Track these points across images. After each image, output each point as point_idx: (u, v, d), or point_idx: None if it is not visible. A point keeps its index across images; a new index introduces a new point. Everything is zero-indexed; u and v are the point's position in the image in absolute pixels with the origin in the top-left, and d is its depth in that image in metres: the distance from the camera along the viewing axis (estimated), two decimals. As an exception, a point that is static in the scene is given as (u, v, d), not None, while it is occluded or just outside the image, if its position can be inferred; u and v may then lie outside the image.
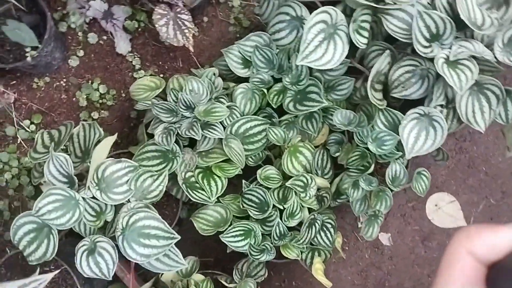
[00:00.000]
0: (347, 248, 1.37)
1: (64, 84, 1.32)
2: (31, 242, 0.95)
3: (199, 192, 1.06)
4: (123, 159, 0.96)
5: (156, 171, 1.04)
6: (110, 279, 0.96)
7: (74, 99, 1.33)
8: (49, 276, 0.90)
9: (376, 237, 1.38)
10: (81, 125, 1.03)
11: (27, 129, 1.31)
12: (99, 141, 1.00)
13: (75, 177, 0.92)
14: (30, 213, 0.95)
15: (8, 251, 1.30)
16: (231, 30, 1.40)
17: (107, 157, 0.97)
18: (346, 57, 1.03)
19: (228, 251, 1.18)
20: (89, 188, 0.91)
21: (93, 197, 0.94)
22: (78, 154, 1.02)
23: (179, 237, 0.91)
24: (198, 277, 1.14)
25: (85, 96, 1.32)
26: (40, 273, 0.93)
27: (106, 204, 0.96)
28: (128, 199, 0.96)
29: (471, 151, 1.44)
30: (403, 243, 1.38)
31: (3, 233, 1.33)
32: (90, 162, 0.99)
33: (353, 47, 1.05)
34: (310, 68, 1.10)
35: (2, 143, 1.31)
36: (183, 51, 1.37)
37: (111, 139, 0.98)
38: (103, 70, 1.34)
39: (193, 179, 1.08)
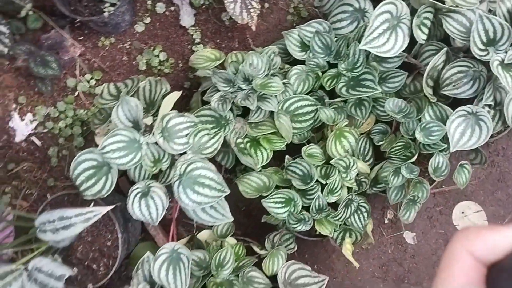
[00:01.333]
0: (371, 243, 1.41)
1: (127, 47, 1.41)
2: (89, 178, 1.01)
3: (247, 157, 1.11)
4: (186, 113, 1.03)
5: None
6: (156, 223, 1.02)
7: (134, 62, 1.41)
8: (105, 209, 0.96)
9: (403, 232, 1.42)
10: (147, 80, 1.11)
11: (87, 83, 1.39)
12: (163, 96, 1.08)
13: (142, 122, 0.99)
14: (92, 150, 1.01)
15: (48, 197, 1.37)
16: (288, 19, 1.47)
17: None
18: (403, 52, 1.09)
19: (262, 220, 1.23)
20: (153, 134, 0.98)
21: (155, 144, 1.00)
22: (143, 105, 1.09)
23: (229, 191, 0.97)
24: (231, 240, 1.19)
25: (145, 61, 1.39)
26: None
27: (164, 153, 1.02)
28: (186, 151, 1.02)
29: (503, 166, 1.48)
30: (426, 243, 1.42)
31: (47, 179, 1.40)
32: (153, 114, 1.06)
33: (409, 44, 1.11)
34: (367, 58, 1.16)
35: (61, 93, 1.39)
36: (240, 33, 1.45)
37: (176, 94, 1.05)
38: (165, 39, 1.42)
39: (242, 145, 1.14)
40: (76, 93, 1.39)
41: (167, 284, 1.03)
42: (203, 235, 1.19)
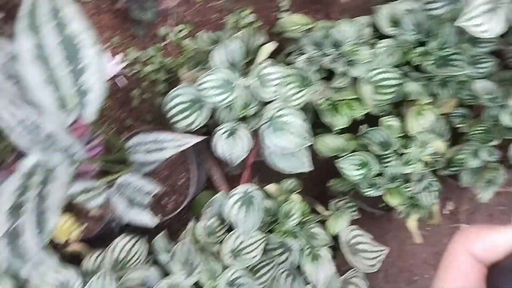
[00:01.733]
0: (429, 228, 1.41)
1: (218, 6, 1.47)
2: (182, 111, 1.07)
3: (329, 116, 1.15)
4: (280, 64, 1.07)
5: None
6: (234, 164, 1.07)
7: (222, 21, 1.47)
8: (196, 139, 1.02)
9: (461, 225, 1.41)
10: (245, 30, 1.16)
11: (177, 34, 1.46)
12: (259, 47, 1.13)
13: (240, 65, 1.04)
14: (188, 86, 1.08)
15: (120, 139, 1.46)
16: (378, -2, 1.49)
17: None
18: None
19: (328, 184, 1.26)
20: (248, 79, 1.03)
21: (247, 88, 1.05)
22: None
23: (313, 142, 1.01)
24: (296, 197, 1.23)
25: (234, 20, 1.45)
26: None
27: (254, 99, 1.07)
28: (274, 100, 1.07)
29: None
30: (484, 239, 1.40)
31: (125, 118, 1.49)
32: (248, 61, 1.11)
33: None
34: (459, 40, 1.16)
35: (152, 40, 1.47)
36: (328, 6, 1.48)
37: (273, 45, 1.09)
38: (254, 3, 1.47)
39: (323, 106, 1.18)
40: (166, 42, 1.47)
41: (238, 222, 1.08)
42: (269, 189, 1.24)
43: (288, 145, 0.99)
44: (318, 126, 1.26)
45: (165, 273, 1.12)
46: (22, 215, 0.66)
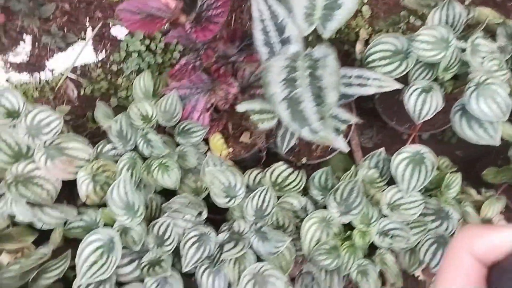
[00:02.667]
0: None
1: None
2: (383, 58, 1.11)
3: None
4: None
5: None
6: (420, 121, 1.08)
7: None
8: (397, 85, 1.05)
9: None
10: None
11: None
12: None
13: (459, 26, 1.06)
14: (392, 36, 1.11)
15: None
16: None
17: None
18: None
19: (483, 172, 1.26)
20: (463, 41, 1.05)
21: (458, 49, 1.07)
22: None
23: (506, 118, 1.01)
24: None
25: None
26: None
27: (460, 61, 1.08)
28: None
29: None
30: None
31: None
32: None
33: None
34: None
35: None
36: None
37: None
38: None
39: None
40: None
41: (402, 179, 1.10)
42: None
43: (489, 113, 1.00)
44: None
45: (316, 207, 1.16)
46: (297, 88, 0.71)
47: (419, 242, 1.12)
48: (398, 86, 1.02)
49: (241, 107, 1.15)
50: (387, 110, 1.35)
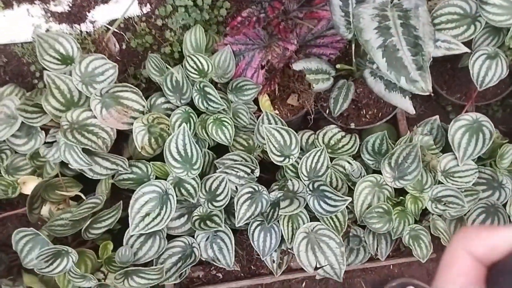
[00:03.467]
0: None
1: None
2: (449, 22, 1.08)
3: None
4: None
5: None
6: (482, 88, 1.07)
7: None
8: (465, 49, 1.03)
9: None
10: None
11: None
12: None
13: None
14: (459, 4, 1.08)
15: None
16: None
17: None
18: None
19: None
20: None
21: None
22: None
23: None
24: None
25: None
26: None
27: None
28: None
29: None
30: None
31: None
32: None
33: None
34: None
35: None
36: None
37: None
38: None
39: None
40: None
41: (458, 146, 1.09)
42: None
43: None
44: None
45: (367, 172, 1.15)
46: (392, 36, 0.69)
47: (468, 211, 1.12)
48: (466, 49, 1.00)
49: (297, 66, 1.13)
50: (438, 79, 1.33)
